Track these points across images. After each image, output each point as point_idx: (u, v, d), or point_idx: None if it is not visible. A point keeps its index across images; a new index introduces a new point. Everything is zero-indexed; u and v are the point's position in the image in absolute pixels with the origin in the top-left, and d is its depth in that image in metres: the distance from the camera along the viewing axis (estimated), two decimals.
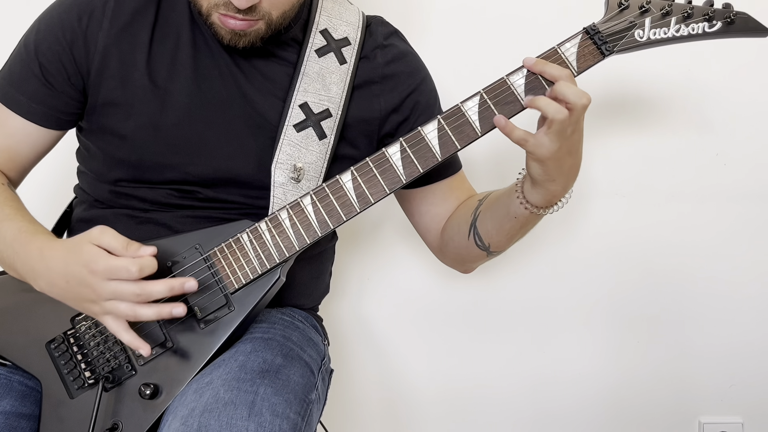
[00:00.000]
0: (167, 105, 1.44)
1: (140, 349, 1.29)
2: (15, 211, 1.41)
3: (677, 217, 2.08)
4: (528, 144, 1.29)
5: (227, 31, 1.37)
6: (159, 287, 1.25)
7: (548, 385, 2.17)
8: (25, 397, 1.40)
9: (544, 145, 1.28)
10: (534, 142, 1.29)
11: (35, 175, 1.60)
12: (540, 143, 1.28)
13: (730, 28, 1.35)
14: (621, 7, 1.34)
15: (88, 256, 1.25)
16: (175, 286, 1.27)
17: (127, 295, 1.24)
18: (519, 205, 1.39)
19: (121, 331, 1.28)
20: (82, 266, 1.25)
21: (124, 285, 1.24)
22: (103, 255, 1.24)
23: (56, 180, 1.90)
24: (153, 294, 1.25)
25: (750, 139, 2.04)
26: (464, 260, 1.60)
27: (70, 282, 1.28)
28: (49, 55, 1.44)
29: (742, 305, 2.13)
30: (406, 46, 1.59)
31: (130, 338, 1.29)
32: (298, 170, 1.44)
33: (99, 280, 1.24)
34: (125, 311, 1.26)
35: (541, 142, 1.28)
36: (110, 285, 1.24)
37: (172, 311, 1.27)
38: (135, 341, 1.29)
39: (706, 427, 2.19)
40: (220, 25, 1.36)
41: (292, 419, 1.26)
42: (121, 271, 1.23)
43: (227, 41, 1.39)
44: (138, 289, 1.24)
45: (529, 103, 1.31)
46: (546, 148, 1.28)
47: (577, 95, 1.26)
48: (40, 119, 1.48)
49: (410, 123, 1.54)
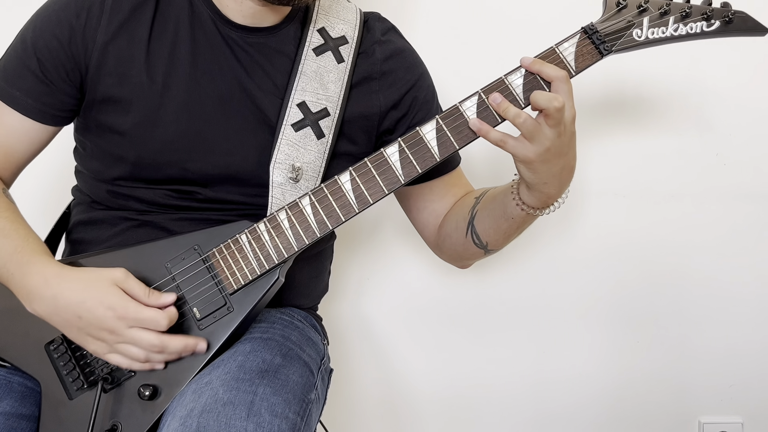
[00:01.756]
0: (166, 101, 1.44)
1: (156, 366, 1.35)
2: (10, 224, 1.39)
3: (677, 217, 2.08)
4: (507, 145, 1.30)
5: None
6: (176, 345, 1.32)
7: (548, 384, 2.17)
8: (24, 398, 1.39)
9: (526, 147, 1.28)
10: (513, 144, 1.29)
11: (33, 177, 1.60)
12: (521, 144, 1.29)
13: (728, 27, 1.35)
14: (619, 7, 1.34)
15: (115, 300, 1.28)
16: (189, 345, 1.33)
17: (146, 346, 1.30)
18: (515, 206, 1.39)
19: (132, 364, 1.33)
20: (107, 308, 1.28)
21: (146, 335, 1.30)
22: (133, 303, 1.29)
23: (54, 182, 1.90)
24: (170, 349, 1.32)
25: (750, 139, 2.04)
26: (461, 257, 1.60)
27: (83, 319, 1.29)
28: (46, 52, 1.44)
29: (743, 305, 2.13)
30: (404, 42, 1.60)
31: (142, 367, 1.34)
32: (297, 170, 1.43)
33: (123, 327, 1.29)
34: (138, 356, 1.31)
35: (522, 143, 1.29)
36: (133, 332, 1.29)
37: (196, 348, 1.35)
38: (146, 366, 1.34)
39: (706, 427, 2.19)
40: None
41: (291, 419, 1.26)
42: (151, 323, 1.29)
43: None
44: (157, 341, 1.30)
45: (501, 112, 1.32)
46: (529, 150, 1.28)
47: (548, 100, 1.25)
48: (36, 115, 1.47)
49: (409, 118, 1.54)
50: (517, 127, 1.28)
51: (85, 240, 1.53)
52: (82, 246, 1.53)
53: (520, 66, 1.32)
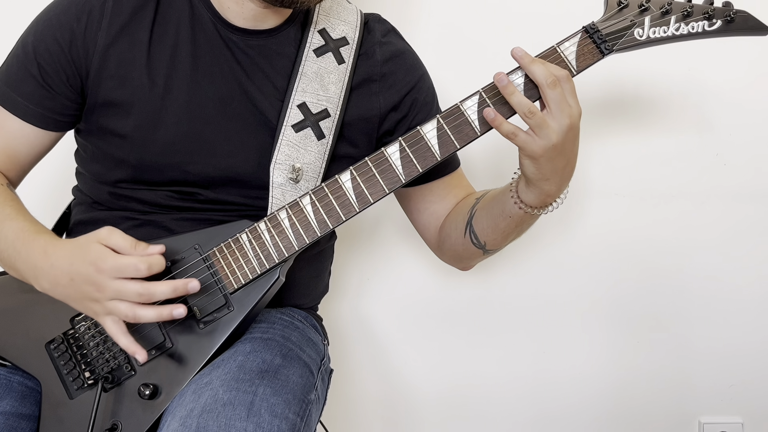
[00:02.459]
0: (167, 103, 1.44)
1: (136, 354, 1.29)
2: (16, 212, 1.41)
3: (677, 217, 2.07)
4: (518, 138, 1.29)
5: None
6: (162, 288, 1.26)
7: (548, 384, 2.17)
8: (24, 398, 1.39)
9: (535, 141, 1.28)
10: (524, 137, 1.29)
11: (34, 177, 1.60)
12: (530, 140, 1.29)
13: (730, 26, 1.35)
14: (620, 6, 1.34)
15: (95, 254, 1.26)
16: (178, 287, 1.27)
17: (130, 295, 1.25)
18: (513, 204, 1.39)
19: (119, 334, 1.29)
20: (89, 264, 1.26)
21: (128, 284, 1.25)
22: (111, 254, 1.26)
23: (55, 182, 1.90)
24: (156, 294, 1.26)
25: (750, 139, 2.04)
26: (461, 258, 1.60)
27: (75, 280, 1.28)
28: (47, 57, 1.44)
29: (743, 305, 2.13)
30: (404, 44, 1.60)
31: (127, 342, 1.29)
32: (297, 171, 1.43)
33: (105, 278, 1.25)
34: (125, 311, 1.26)
35: (532, 137, 1.29)
36: (115, 283, 1.25)
37: (173, 312, 1.28)
38: (131, 346, 1.29)
39: (706, 427, 2.18)
40: None
41: (291, 419, 1.26)
42: (129, 268, 1.24)
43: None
44: (141, 289, 1.25)
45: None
46: (537, 145, 1.28)
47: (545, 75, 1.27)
48: (37, 121, 1.48)
49: (409, 120, 1.54)
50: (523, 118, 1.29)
51: None
52: None
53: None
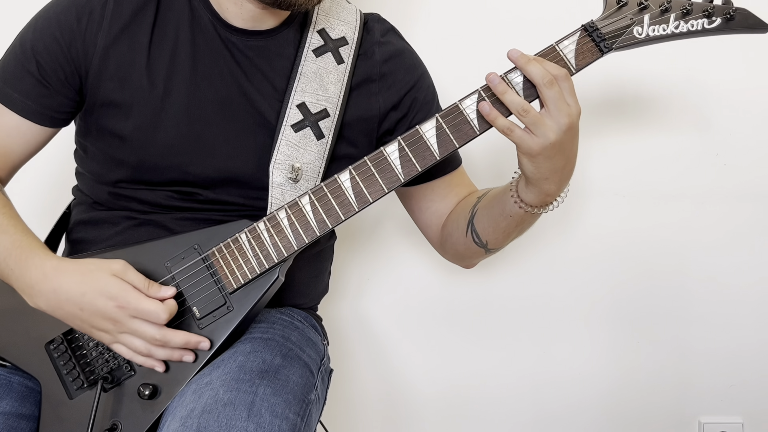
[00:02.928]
0: (166, 105, 1.44)
1: (156, 367, 1.34)
2: (8, 220, 1.40)
3: (677, 217, 2.08)
4: (514, 134, 1.29)
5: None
6: (177, 339, 1.32)
7: (548, 384, 2.17)
8: (24, 398, 1.40)
9: (532, 139, 1.28)
10: (520, 134, 1.29)
11: (34, 177, 1.60)
12: (526, 136, 1.28)
13: (729, 24, 1.35)
14: (620, 4, 1.34)
15: (116, 290, 1.28)
16: (191, 341, 1.33)
17: (146, 337, 1.30)
18: (513, 204, 1.39)
19: (134, 356, 1.33)
20: (108, 299, 1.28)
21: (147, 327, 1.30)
22: (134, 293, 1.29)
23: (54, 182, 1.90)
24: (170, 343, 1.32)
25: (750, 139, 2.04)
26: (464, 256, 1.60)
27: (85, 310, 1.29)
28: (46, 55, 1.44)
29: (743, 305, 2.13)
30: (403, 43, 1.60)
31: (144, 360, 1.34)
32: (296, 170, 1.43)
33: (125, 317, 1.29)
34: (141, 349, 1.31)
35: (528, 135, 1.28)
36: (134, 323, 1.29)
37: (183, 357, 1.34)
38: (148, 362, 1.34)
39: (706, 427, 2.18)
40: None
41: (291, 420, 1.26)
42: (151, 315, 1.29)
43: (304, 1, 1.39)
44: (159, 335, 1.30)
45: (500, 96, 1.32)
46: (534, 142, 1.28)
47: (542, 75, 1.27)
48: (33, 117, 1.48)
49: (409, 120, 1.54)
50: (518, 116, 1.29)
51: (86, 239, 1.53)
52: (83, 245, 1.53)
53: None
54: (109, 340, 1.32)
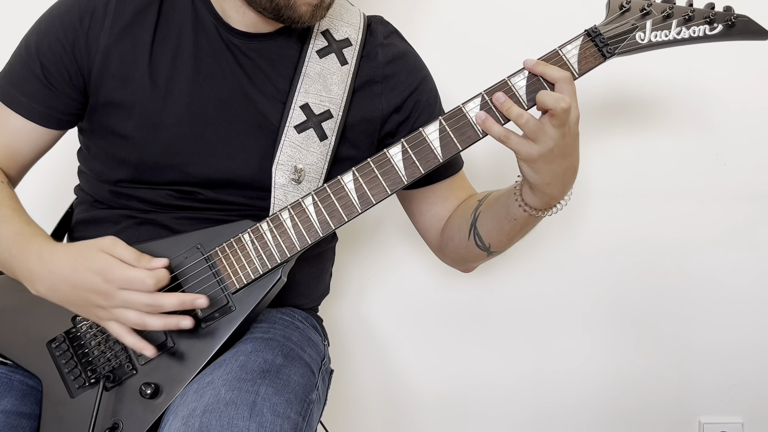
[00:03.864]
0: (168, 105, 1.44)
1: (144, 351, 1.31)
2: (12, 212, 1.41)
3: (678, 218, 2.08)
4: (510, 142, 1.29)
5: (312, 6, 1.38)
6: (170, 300, 1.29)
7: (548, 384, 2.18)
8: (25, 396, 1.40)
9: (530, 146, 1.28)
10: (517, 141, 1.28)
11: (36, 176, 1.60)
12: (524, 143, 1.28)
13: (730, 31, 1.35)
14: (622, 10, 1.34)
15: (102, 264, 1.27)
16: (186, 301, 1.30)
17: (138, 305, 1.28)
18: (518, 207, 1.39)
19: (124, 334, 1.31)
20: (95, 273, 1.27)
21: (136, 295, 1.28)
22: (119, 265, 1.28)
23: (57, 180, 1.90)
24: (164, 306, 1.29)
25: (750, 139, 2.04)
26: (464, 260, 1.60)
27: (78, 287, 1.29)
28: (50, 56, 1.45)
29: (743, 305, 2.13)
30: (406, 46, 1.59)
31: (134, 341, 1.31)
32: (299, 171, 1.44)
33: (113, 289, 1.27)
34: (134, 319, 1.29)
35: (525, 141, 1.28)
36: (123, 294, 1.27)
37: (180, 323, 1.31)
38: (139, 343, 1.31)
39: (706, 427, 2.19)
40: (309, 1, 1.37)
41: (293, 419, 1.27)
42: (137, 282, 1.27)
43: (307, 18, 1.39)
44: (150, 300, 1.28)
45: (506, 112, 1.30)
46: (533, 149, 1.27)
47: (555, 100, 1.24)
48: (40, 119, 1.49)
49: (411, 122, 1.54)
50: (520, 127, 1.28)
51: (87, 238, 1.51)
52: None
53: (523, 68, 1.32)
54: (105, 317, 1.31)
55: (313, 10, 1.39)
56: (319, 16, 1.41)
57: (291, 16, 1.39)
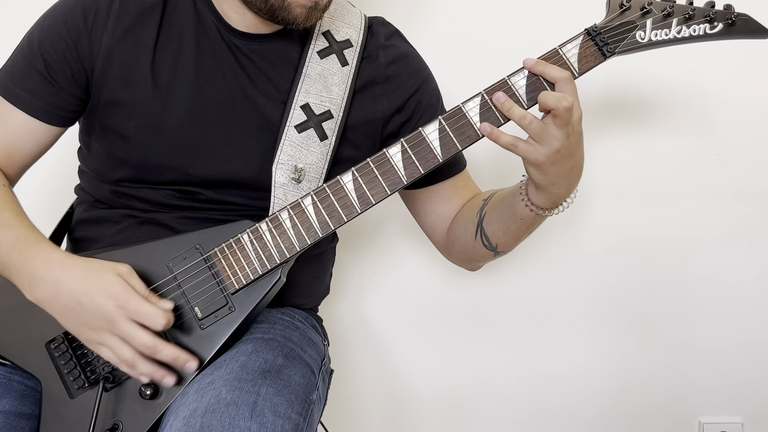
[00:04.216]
0: (169, 106, 1.44)
1: (141, 378, 1.32)
2: (14, 216, 1.40)
3: (678, 217, 2.08)
4: (518, 149, 1.29)
5: (307, 8, 1.38)
6: (167, 351, 1.30)
7: (548, 384, 2.18)
8: (24, 397, 1.40)
9: (537, 150, 1.27)
10: (524, 147, 1.28)
11: (37, 175, 1.60)
12: (532, 148, 1.28)
13: (731, 29, 1.35)
14: (622, 8, 1.34)
15: (119, 289, 1.27)
16: (180, 358, 1.30)
17: (137, 343, 1.28)
18: (524, 207, 1.38)
19: (119, 364, 1.31)
20: (109, 297, 1.27)
21: (141, 332, 1.27)
22: (135, 296, 1.28)
23: (57, 180, 1.90)
24: (160, 354, 1.30)
25: (750, 139, 2.04)
26: (471, 259, 1.59)
27: (83, 305, 1.28)
28: (53, 52, 1.45)
29: (743, 305, 2.13)
30: (408, 47, 1.59)
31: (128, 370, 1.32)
32: (299, 171, 1.43)
33: (122, 317, 1.27)
34: (127, 357, 1.29)
35: (533, 147, 1.28)
36: (129, 326, 1.27)
37: (164, 379, 1.32)
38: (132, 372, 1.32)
39: (706, 427, 2.19)
40: (303, 2, 1.37)
41: (294, 419, 1.27)
42: (149, 318, 1.27)
43: (302, 20, 1.39)
44: (150, 343, 1.28)
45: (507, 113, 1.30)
46: (539, 153, 1.27)
47: (557, 99, 1.24)
48: (41, 115, 1.48)
49: (413, 123, 1.54)
50: (523, 128, 1.28)
51: (88, 238, 1.53)
52: (85, 244, 1.54)
53: (523, 67, 1.32)
54: (95, 340, 1.30)
55: (308, 12, 1.39)
56: (315, 18, 1.41)
57: (285, 17, 1.39)
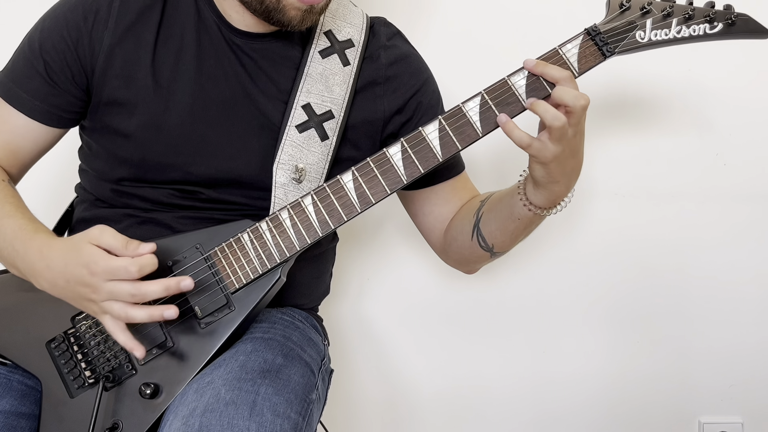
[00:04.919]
0: (170, 105, 1.44)
1: (134, 351, 1.28)
2: (15, 209, 1.41)
3: (678, 217, 2.08)
4: (532, 148, 1.29)
5: (302, 11, 1.37)
6: (154, 287, 1.24)
7: (549, 385, 2.18)
8: (24, 397, 1.40)
9: (548, 148, 1.28)
10: (537, 146, 1.28)
11: (37, 174, 1.60)
12: (544, 146, 1.28)
13: (731, 29, 1.35)
14: (622, 8, 1.34)
15: (88, 256, 1.24)
16: (170, 286, 1.25)
17: (122, 295, 1.23)
18: (522, 206, 1.38)
19: (117, 331, 1.28)
20: (82, 266, 1.24)
21: (120, 285, 1.23)
22: (103, 255, 1.24)
23: (58, 179, 1.90)
24: (148, 294, 1.24)
25: (750, 139, 2.04)
26: (468, 261, 1.59)
27: (70, 281, 1.27)
28: (54, 54, 1.45)
29: (743, 305, 2.13)
30: (409, 47, 1.59)
31: (125, 339, 1.28)
32: (300, 171, 1.43)
33: (99, 281, 1.24)
34: (118, 311, 1.25)
35: (545, 145, 1.28)
36: (108, 285, 1.23)
37: (164, 313, 1.25)
38: (129, 342, 1.28)
39: (706, 427, 2.19)
40: (298, 5, 1.36)
41: (293, 419, 1.27)
42: (120, 271, 1.22)
43: (297, 22, 1.39)
44: (133, 290, 1.23)
45: (529, 106, 1.30)
46: (550, 152, 1.28)
47: (575, 98, 1.25)
48: (42, 117, 1.48)
49: (413, 123, 1.54)
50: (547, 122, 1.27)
51: None
52: None
53: (523, 67, 1.32)
54: (98, 311, 1.28)
55: (303, 15, 1.38)
56: (310, 21, 1.41)
57: (281, 19, 1.39)
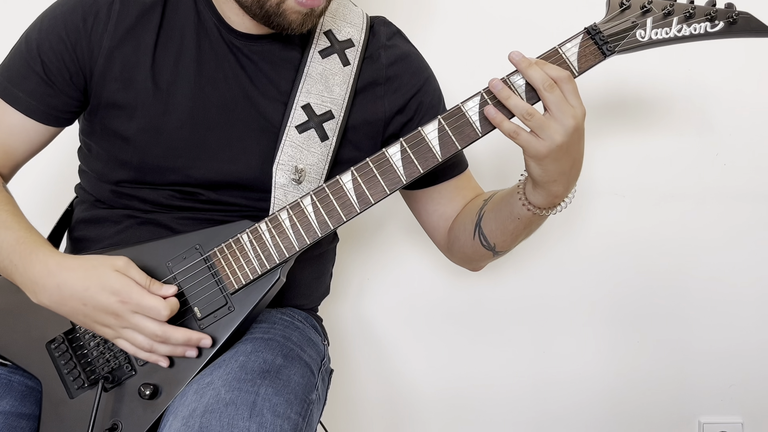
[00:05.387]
0: (170, 107, 1.44)
1: (160, 362, 1.34)
2: (12, 217, 1.40)
3: (678, 217, 2.08)
4: (520, 138, 1.28)
5: (302, 14, 1.37)
6: (179, 336, 1.32)
7: (549, 385, 2.18)
8: (25, 397, 1.40)
9: (538, 140, 1.27)
10: (526, 137, 1.28)
11: (36, 174, 1.61)
12: (533, 138, 1.28)
13: (732, 28, 1.34)
14: (622, 7, 1.34)
15: (119, 285, 1.28)
16: (192, 339, 1.33)
17: (148, 333, 1.30)
18: (521, 206, 1.38)
19: (137, 352, 1.33)
20: (110, 293, 1.28)
21: (148, 322, 1.29)
22: (137, 289, 1.29)
23: (57, 179, 1.90)
24: (171, 340, 1.31)
25: (750, 139, 2.04)
26: (471, 259, 1.59)
27: (88, 305, 1.29)
28: (52, 54, 1.44)
29: (743, 305, 2.13)
30: (409, 47, 1.59)
31: (147, 356, 1.34)
32: (300, 172, 1.43)
33: (127, 311, 1.29)
34: (143, 344, 1.31)
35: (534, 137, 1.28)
36: (136, 318, 1.29)
37: (186, 353, 1.34)
38: (152, 357, 1.34)
39: (706, 427, 2.19)
40: (299, 9, 1.36)
41: (293, 419, 1.27)
42: (152, 311, 1.28)
43: (297, 26, 1.39)
44: (160, 331, 1.30)
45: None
46: (541, 144, 1.27)
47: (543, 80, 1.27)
48: (38, 116, 1.48)
49: (414, 123, 1.54)
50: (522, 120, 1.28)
51: (88, 238, 1.53)
52: (85, 243, 1.54)
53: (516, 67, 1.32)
54: (112, 335, 1.33)
55: (303, 18, 1.38)
56: (310, 24, 1.40)
57: (281, 23, 1.38)
